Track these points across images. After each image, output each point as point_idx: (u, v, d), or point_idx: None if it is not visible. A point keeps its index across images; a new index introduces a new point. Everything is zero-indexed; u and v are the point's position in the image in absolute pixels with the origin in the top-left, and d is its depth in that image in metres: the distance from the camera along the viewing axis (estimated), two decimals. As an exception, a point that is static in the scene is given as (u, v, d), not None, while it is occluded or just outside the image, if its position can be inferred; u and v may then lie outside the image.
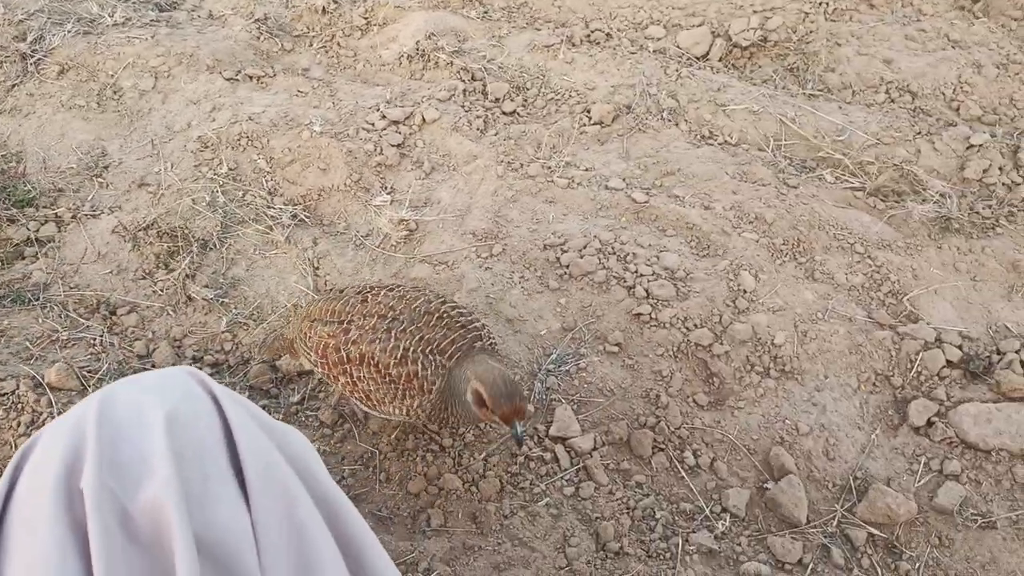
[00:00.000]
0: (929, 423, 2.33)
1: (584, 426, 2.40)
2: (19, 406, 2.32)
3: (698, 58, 3.91)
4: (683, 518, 2.20)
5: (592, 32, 4.03)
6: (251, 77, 3.75)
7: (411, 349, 1.99)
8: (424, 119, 3.42)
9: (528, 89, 3.68)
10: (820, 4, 3.99)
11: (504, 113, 3.54)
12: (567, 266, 2.78)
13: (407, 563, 2.00)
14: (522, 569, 2.04)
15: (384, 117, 3.43)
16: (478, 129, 3.40)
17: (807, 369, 2.49)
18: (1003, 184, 3.07)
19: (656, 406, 2.43)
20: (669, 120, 3.49)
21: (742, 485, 2.27)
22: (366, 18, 4.15)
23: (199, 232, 2.97)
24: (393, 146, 3.29)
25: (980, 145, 3.17)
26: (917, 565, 2.10)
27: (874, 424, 2.39)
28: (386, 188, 3.17)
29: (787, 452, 2.31)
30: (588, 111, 3.51)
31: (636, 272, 2.74)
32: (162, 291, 2.80)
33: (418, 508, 2.18)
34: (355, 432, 2.39)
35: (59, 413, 2.24)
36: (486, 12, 4.21)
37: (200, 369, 2.51)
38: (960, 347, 2.47)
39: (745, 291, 2.68)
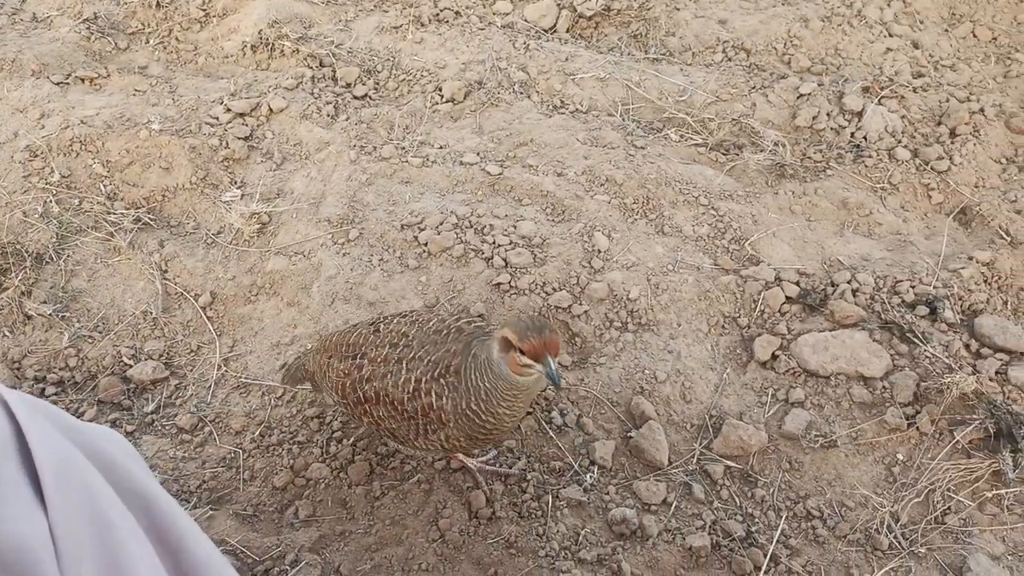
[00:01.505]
0: (774, 357, 2.47)
1: (453, 399, 2.41)
2: None
3: (546, 30, 3.97)
4: (553, 476, 2.25)
5: (441, 11, 4.02)
6: (83, 79, 3.54)
7: (423, 379, 1.83)
8: (271, 109, 3.32)
9: (379, 72, 3.64)
10: (657, -29, 4.11)
11: (355, 97, 3.48)
12: (425, 244, 2.77)
13: (273, 557, 1.96)
14: (395, 547, 2.04)
15: (229, 110, 3.31)
16: (328, 115, 3.34)
17: (661, 320, 2.59)
18: (831, 129, 3.27)
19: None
20: (521, 93, 3.53)
21: (608, 437, 2.34)
22: (204, 9, 3.99)
23: (32, 246, 2.79)
24: (240, 139, 3.19)
25: (809, 94, 3.36)
26: (771, 490, 2.23)
27: (725, 364, 2.51)
28: (236, 183, 3.07)
29: (647, 400, 2.40)
30: (440, 89, 3.50)
31: (494, 243, 2.77)
32: (-5, 312, 2.63)
33: (285, 502, 2.14)
34: (215, 435, 2.32)
35: None
36: (331, -3, 4.13)
37: (44, 389, 2.38)
38: (797, 283, 2.63)
39: (600, 251, 2.75)
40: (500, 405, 1.81)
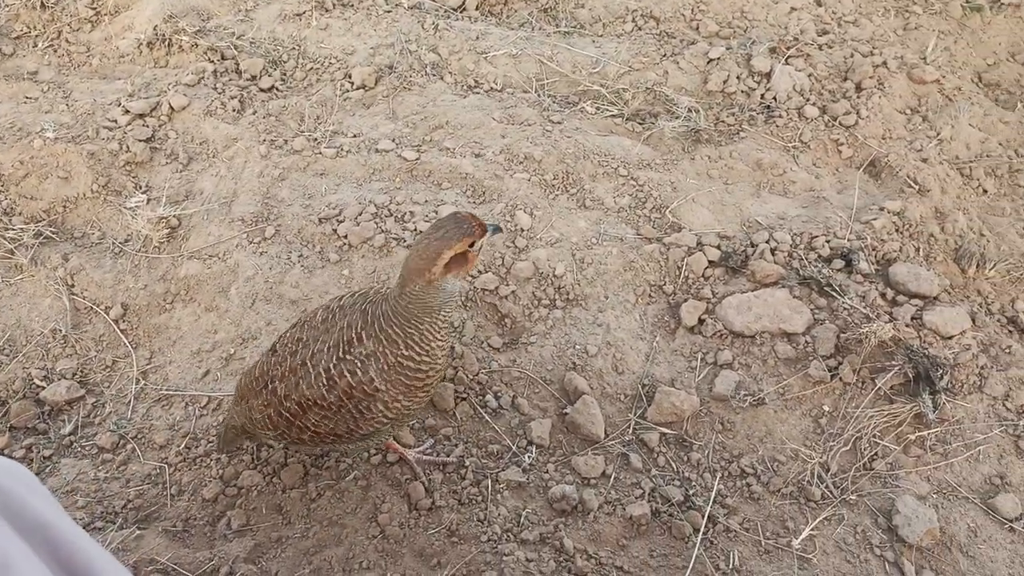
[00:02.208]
0: (700, 321, 2.50)
1: (385, 392, 2.37)
2: None
3: (455, 9, 3.90)
4: (492, 459, 2.24)
5: (345, -5, 3.91)
6: (-35, 90, 3.33)
7: (329, 366, 1.77)
8: (173, 108, 3.18)
9: (285, 62, 3.52)
10: (563, -58, 4.08)
11: (262, 90, 3.36)
12: (345, 236, 2.70)
13: (206, 572, 1.90)
14: (334, 548, 1.99)
15: (127, 112, 3.16)
16: (234, 110, 3.21)
17: (589, 294, 2.59)
18: (742, 91, 3.31)
19: (452, 357, 2.44)
20: (433, 74, 3.46)
21: (544, 415, 2.34)
22: (94, 8, 3.78)
23: (-77, 271, 2.63)
24: (141, 141, 3.05)
25: (718, 59, 3.39)
26: (706, 452, 2.26)
27: (654, 332, 2.53)
28: (140, 187, 2.94)
29: (580, 375, 2.40)
30: (350, 76, 3.41)
31: (415, 230, 2.72)
32: None
33: (216, 513, 2.07)
34: (138, 451, 2.23)
35: None
36: (229, -14, 3.97)
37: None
38: (719, 247, 2.66)
39: (523, 230, 2.73)
40: (435, 339, 1.77)
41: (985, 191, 3.02)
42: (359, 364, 1.76)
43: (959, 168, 3.08)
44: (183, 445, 2.24)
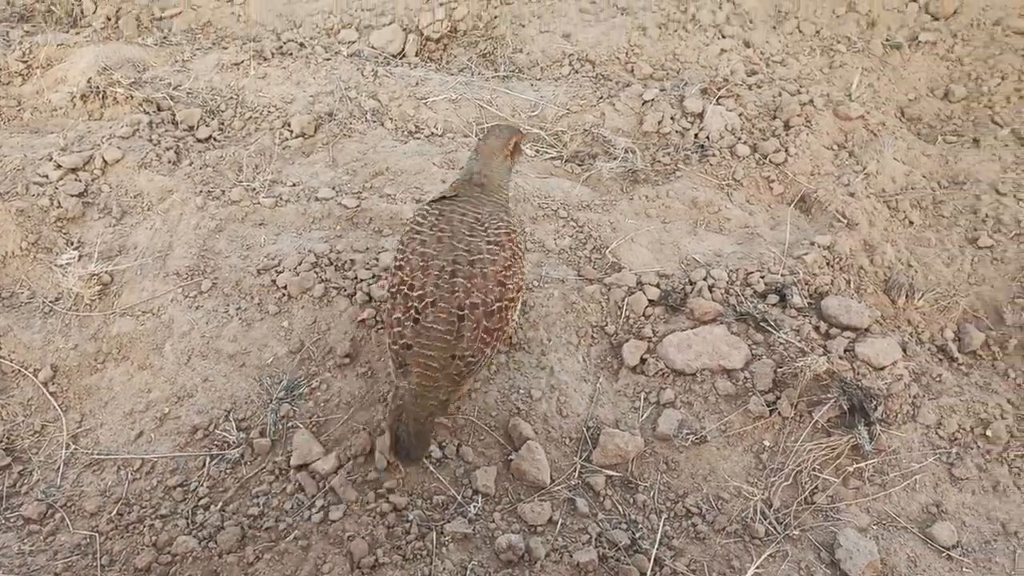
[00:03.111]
0: (642, 360, 2.52)
1: (327, 446, 2.33)
2: None
3: (394, 56, 3.93)
4: (437, 511, 2.20)
5: (284, 44, 3.92)
6: None
7: (488, 230, 2.16)
8: (106, 161, 3.13)
9: (223, 111, 3.50)
10: (500, -11, 4.16)
11: (199, 140, 3.33)
12: (285, 287, 2.67)
13: (137, 647, 1.82)
14: (274, 613, 1.93)
15: (59, 166, 3.09)
16: (170, 162, 3.17)
17: (532, 337, 2.59)
18: (676, 132, 3.39)
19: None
20: (374, 121, 3.48)
21: (489, 463, 2.31)
22: (25, 61, 3.73)
23: None
24: (73, 196, 2.98)
25: (653, 100, 3.47)
26: (651, 493, 2.26)
27: (598, 373, 2.54)
28: (72, 243, 2.87)
29: (524, 420, 2.39)
30: (289, 125, 3.41)
31: (356, 278, 2.70)
32: None
33: (150, 583, 2.00)
34: (67, 520, 2.14)
35: None
36: (165, 37, 3.95)
37: None
38: (658, 285, 2.70)
39: (464, 275, 2.72)
40: (514, 221, 2.29)
41: (911, 223, 3.13)
42: (501, 220, 2.20)
43: (886, 201, 3.19)
44: (115, 512, 2.16)
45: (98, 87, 3.50)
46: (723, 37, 3.90)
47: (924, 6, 4.20)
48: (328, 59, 3.80)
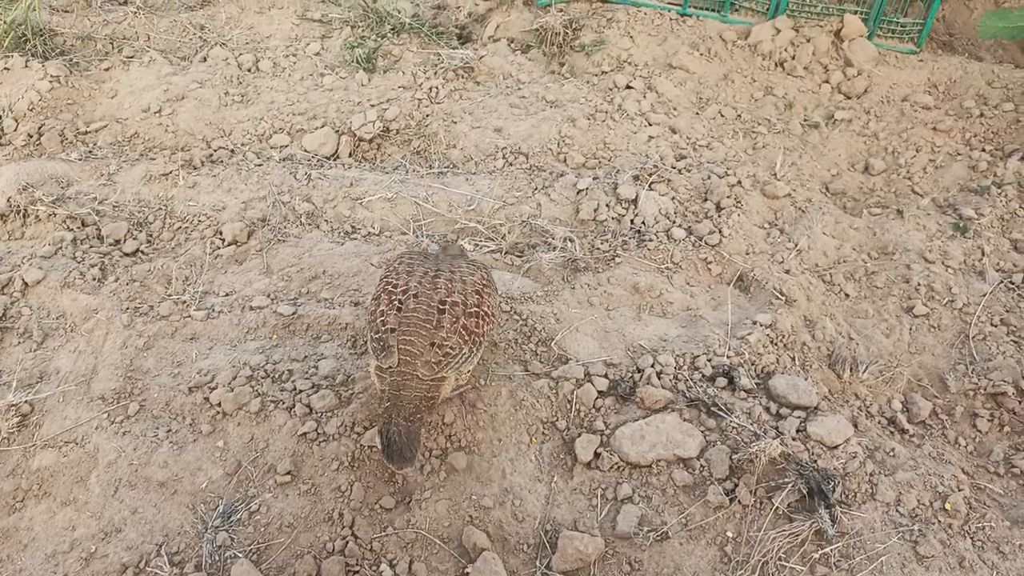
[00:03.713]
0: (596, 455, 2.45)
1: (269, 574, 2.17)
2: None
3: (328, 158, 3.93)
4: (390, 639, 2.05)
5: (214, 151, 3.88)
6: None
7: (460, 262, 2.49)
8: (26, 283, 2.99)
9: (151, 223, 3.41)
10: (430, 90, 4.23)
11: (125, 254, 3.22)
12: (218, 404, 2.54)
13: None
14: None
15: (-26, 291, 2.94)
16: (95, 279, 3.05)
17: (481, 439, 2.50)
18: (612, 218, 3.42)
19: (342, 526, 2.28)
20: (309, 224, 3.43)
21: (444, 580, 2.19)
22: (-60, 182, 3.59)
23: None
24: (-11, 322, 2.83)
25: (587, 189, 3.52)
26: (616, 598, 2.16)
27: (551, 472, 2.45)
28: (-13, 373, 2.70)
29: (478, 529, 2.28)
30: (220, 233, 3.33)
31: (294, 389, 2.59)
32: None
33: None
34: None
35: None
36: (90, 151, 3.87)
37: None
38: (607, 375, 2.66)
39: (408, 378, 2.64)
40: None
41: (847, 295, 3.19)
42: (474, 263, 2.52)
43: (820, 275, 3.25)
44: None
45: (19, 206, 3.38)
46: (650, 124, 4.02)
47: (836, 87, 4.44)
48: (260, 164, 3.76)
